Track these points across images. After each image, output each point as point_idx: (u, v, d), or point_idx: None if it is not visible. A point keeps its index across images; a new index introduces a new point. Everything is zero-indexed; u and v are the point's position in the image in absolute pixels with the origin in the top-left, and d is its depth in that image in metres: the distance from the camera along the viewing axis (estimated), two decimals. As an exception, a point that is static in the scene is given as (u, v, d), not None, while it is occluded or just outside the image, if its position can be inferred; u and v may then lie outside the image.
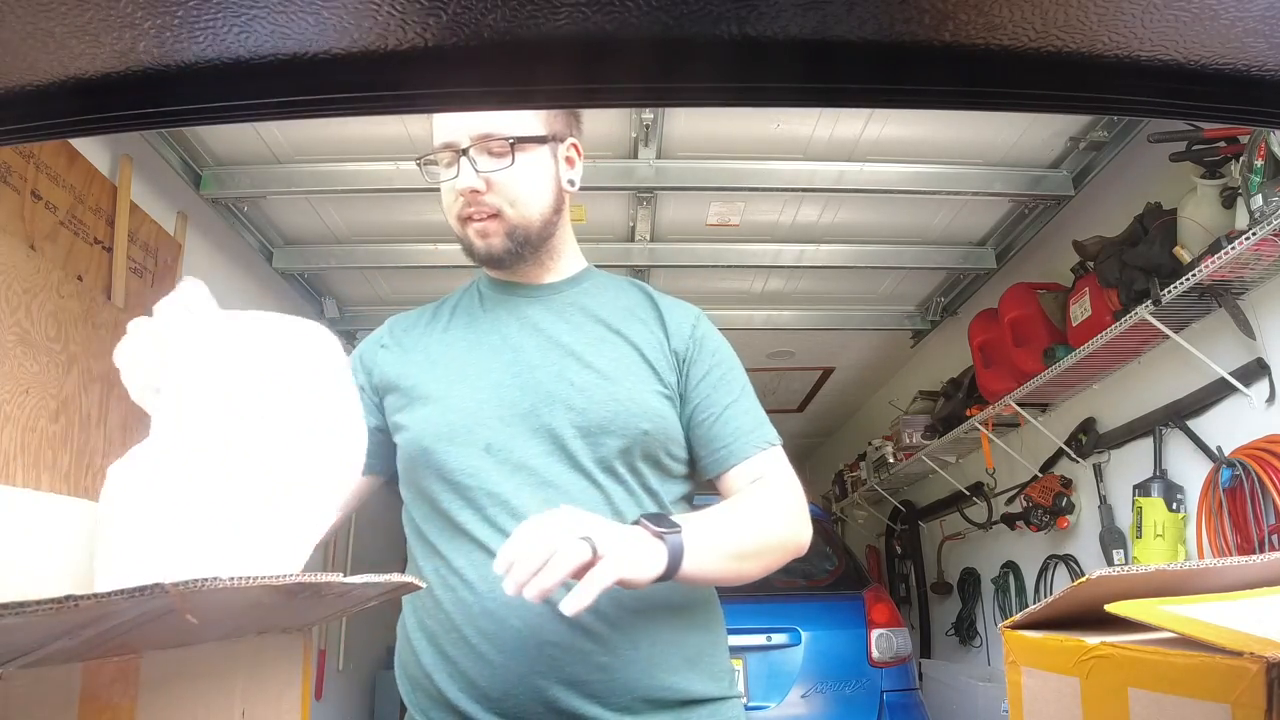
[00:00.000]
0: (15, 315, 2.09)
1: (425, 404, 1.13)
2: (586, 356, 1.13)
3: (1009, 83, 0.56)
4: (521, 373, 1.12)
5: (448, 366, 1.16)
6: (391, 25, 0.50)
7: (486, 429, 1.09)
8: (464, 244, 1.19)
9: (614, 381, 1.12)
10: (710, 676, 1.10)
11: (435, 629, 1.09)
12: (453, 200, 1.15)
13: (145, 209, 2.74)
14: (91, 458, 2.38)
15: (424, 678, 1.09)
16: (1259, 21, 0.50)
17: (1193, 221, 2.42)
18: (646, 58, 0.55)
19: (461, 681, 1.05)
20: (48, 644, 0.80)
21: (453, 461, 1.10)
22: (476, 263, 1.21)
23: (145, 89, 0.55)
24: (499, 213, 1.14)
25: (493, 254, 1.16)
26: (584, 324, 1.18)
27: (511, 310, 1.20)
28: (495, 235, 1.15)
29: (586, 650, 1.02)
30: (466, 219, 1.15)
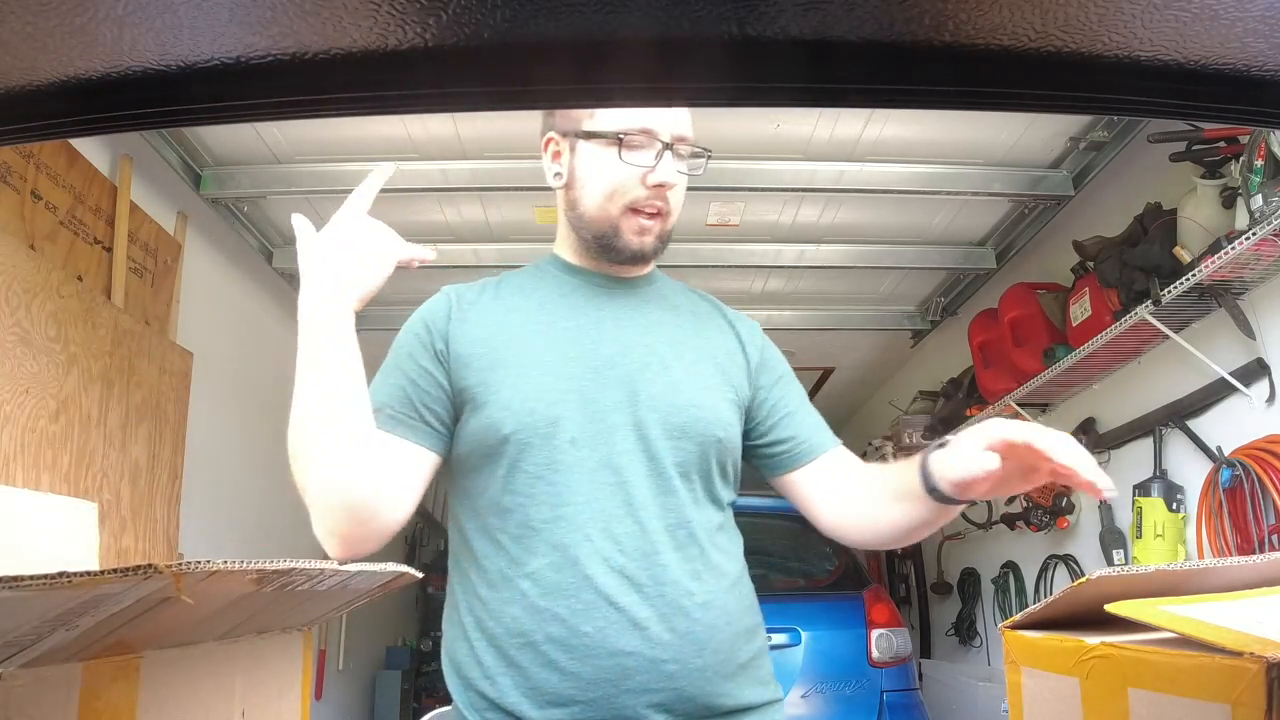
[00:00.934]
0: (15, 315, 2.09)
1: (502, 389, 1.07)
2: (668, 357, 1.11)
3: (1009, 83, 0.56)
4: (603, 367, 1.09)
5: (522, 350, 1.10)
6: (391, 25, 0.50)
7: (571, 422, 1.05)
8: (604, 231, 1.13)
9: (694, 385, 1.11)
10: (759, 682, 1.09)
11: (498, 631, 1.04)
12: (628, 186, 1.10)
13: (145, 209, 2.74)
14: (91, 458, 2.38)
15: (483, 680, 1.05)
16: (1259, 21, 0.50)
17: (1193, 221, 2.42)
18: (646, 58, 0.55)
19: (525, 687, 1.01)
20: (45, 635, 0.80)
21: (534, 454, 1.05)
22: (610, 255, 1.15)
23: (145, 89, 0.55)
24: (666, 214, 1.13)
25: (644, 251, 1.13)
26: (663, 323, 1.16)
27: (590, 299, 1.16)
28: (652, 234, 1.13)
29: (656, 659, 0.99)
30: (636, 210, 1.11)
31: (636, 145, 1.09)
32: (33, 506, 1.92)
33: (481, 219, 3.36)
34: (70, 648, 0.91)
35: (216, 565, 0.67)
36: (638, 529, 1.03)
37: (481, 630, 1.05)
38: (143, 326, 2.68)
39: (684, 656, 1.01)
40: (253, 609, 1.20)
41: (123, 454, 2.52)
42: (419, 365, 1.12)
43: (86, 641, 0.91)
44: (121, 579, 0.62)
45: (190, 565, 0.65)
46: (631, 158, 1.09)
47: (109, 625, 0.86)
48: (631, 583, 1.01)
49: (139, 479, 2.61)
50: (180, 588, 0.68)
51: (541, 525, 1.04)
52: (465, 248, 3.51)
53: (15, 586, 0.53)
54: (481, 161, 2.94)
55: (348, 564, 1.25)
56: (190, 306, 3.01)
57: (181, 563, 0.64)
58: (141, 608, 0.80)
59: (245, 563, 0.84)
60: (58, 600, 0.66)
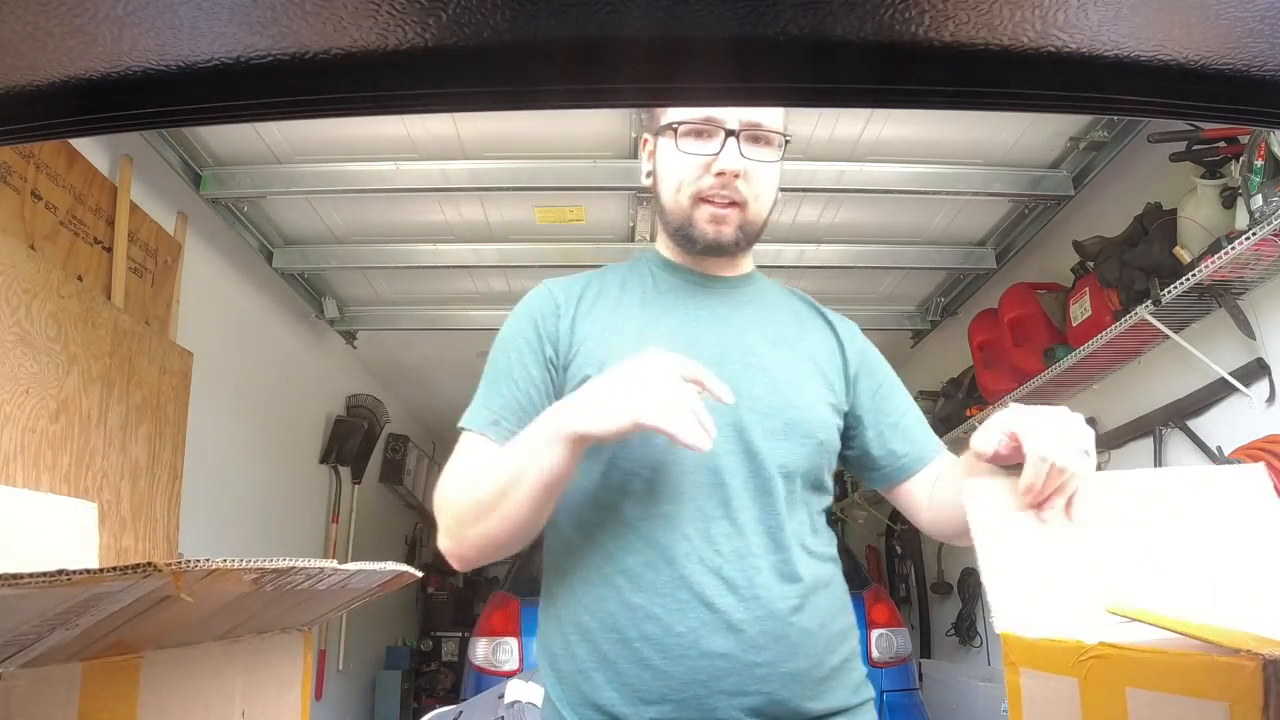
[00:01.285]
0: (15, 315, 2.09)
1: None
2: (768, 358, 1.10)
3: (1009, 83, 0.56)
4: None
5: (623, 348, 1.07)
6: (391, 25, 0.50)
7: None
8: (681, 223, 1.11)
9: (794, 387, 1.10)
10: (851, 686, 1.08)
11: (593, 626, 1.04)
12: (696, 175, 1.09)
13: (145, 209, 2.74)
14: (91, 458, 2.38)
15: (577, 674, 1.04)
16: (1259, 21, 0.50)
17: (1193, 221, 2.42)
18: (646, 58, 0.55)
19: (618, 683, 1.01)
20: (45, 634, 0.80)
21: (632, 452, 1.04)
22: (689, 247, 1.13)
23: (145, 89, 0.55)
24: (743, 203, 1.09)
25: (721, 242, 1.10)
26: (762, 323, 1.14)
27: (688, 297, 1.14)
28: (729, 224, 1.10)
29: (749, 663, 0.99)
30: (706, 199, 1.09)
31: (699, 134, 1.08)
32: (33, 506, 1.92)
33: (481, 219, 3.36)
34: (70, 647, 0.91)
35: (216, 563, 0.67)
36: (734, 530, 1.03)
37: (577, 625, 1.05)
38: (143, 326, 2.68)
39: (776, 660, 1.00)
40: (252, 608, 1.20)
41: (123, 454, 2.52)
42: (529, 373, 1.10)
43: (86, 641, 0.91)
44: (121, 577, 0.63)
45: (189, 563, 0.65)
46: (692, 147, 1.08)
47: (109, 625, 0.86)
48: (727, 584, 1.00)
49: (139, 479, 2.61)
50: (180, 586, 0.68)
51: (639, 523, 1.03)
52: (465, 248, 3.51)
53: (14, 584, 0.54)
54: (481, 161, 2.94)
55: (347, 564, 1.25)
56: (190, 306, 3.01)
57: (180, 561, 0.64)
58: (141, 606, 0.80)
59: (244, 561, 0.84)
60: (57, 598, 0.66)
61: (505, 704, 2.48)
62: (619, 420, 0.88)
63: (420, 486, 6.30)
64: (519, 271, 3.72)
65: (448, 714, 2.68)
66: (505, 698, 2.52)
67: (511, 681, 2.63)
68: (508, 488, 0.97)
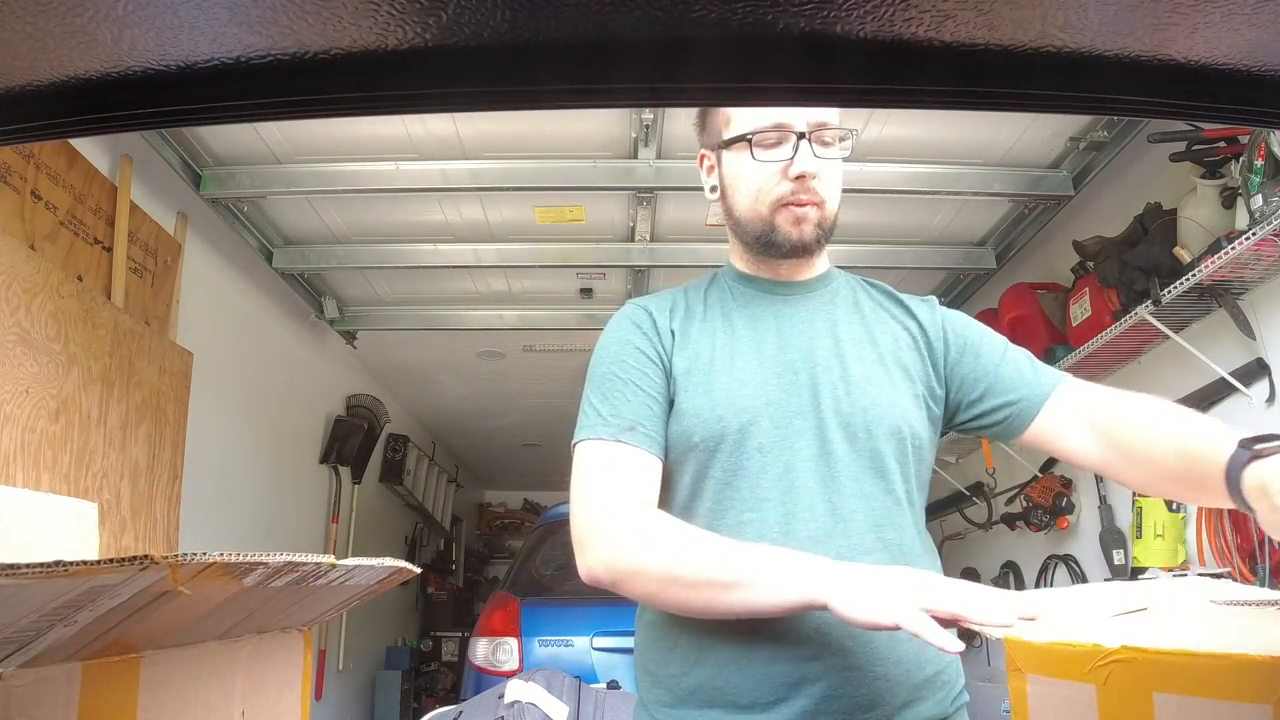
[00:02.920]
0: (15, 315, 2.09)
1: (695, 398, 1.08)
2: (849, 359, 1.10)
3: (1009, 83, 0.56)
4: (785, 373, 1.09)
5: (711, 362, 1.11)
6: (391, 25, 0.50)
7: (759, 429, 1.05)
8: (762, 230, 1.12)
9: (875, 386, 1.09)
10: (942, 697, 1.06)
11: (690, 629, 1.04)
12: (773, 182, 1.10)
13: (145, 209, 2.74)
14: (91, 458, 2.38)
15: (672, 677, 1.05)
16: (1259, 21, 0.50)
17: (1193, 221, 2.42)
18: (646, 58, 0.55)
19: (710, 687, 1.02)
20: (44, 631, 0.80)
21: (721, 460, 1.06)
22: (772, 253, 1.14)
23: (145, 89, 0.55)
24: (820, 203, 1.11)
25: (804, 242, 1.11)
26: (842, 323, 1.15)
27: (767, 306, 1.16)
28: (810, 224, 1.11)
29: (837, 666, 0.99)
30: (787, 204, 1.10)
31: (772, 142, 1.09)
32: (33, 506, 1.92)
33: (481, 219, 3.36)
34: (70, 646, 0.91)
35: (213, 556, 0.67)
36: (820, 533, 1.03)
37: (674, 625, 1.06)
38: (143, 326, 2.68)
39: (867, 664, 0.99)
40: (252, 606, 1.20)
41: (123, 454, 2.52)
42: (654, 381, 1.10)
43: (86, 639, 0.91)
44: (118, 569, 0.63)
45: (187, 557, 0.65)
46: (766, 155, 1.09)
47: (108, 621, 0.86)
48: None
49: (139, 479, 2.61)
50: (177, 579, 0.68)
51: (726, 530, 1.03)
52: (465, 248, 3.51)
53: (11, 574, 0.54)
54: (481, 161, 2.94)
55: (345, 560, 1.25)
56: (190, 306, 3.01)
57: (178, 554, 0.64)
58: (140, 602, 0.80)
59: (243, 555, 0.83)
60: (55, 591, 0.66)
61: (505, 704, 2.48)
62: (876, 616, 0.83)
63: (420, 486, 6.30)
64: (519, 271, 3.72)
65: (448, 714, 2.68)
66: (505, 698, 2.52)
67: (511, 681, 2.63)
68: (720, 586, 0.93)
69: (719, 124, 1.15)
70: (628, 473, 1.04)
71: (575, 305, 4.11)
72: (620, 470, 1.04)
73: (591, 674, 3.15)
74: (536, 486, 9.24)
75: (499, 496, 9.66)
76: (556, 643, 3.32)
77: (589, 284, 3.85)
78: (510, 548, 8.82)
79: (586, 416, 1.09)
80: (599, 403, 1.09)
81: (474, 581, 8.63)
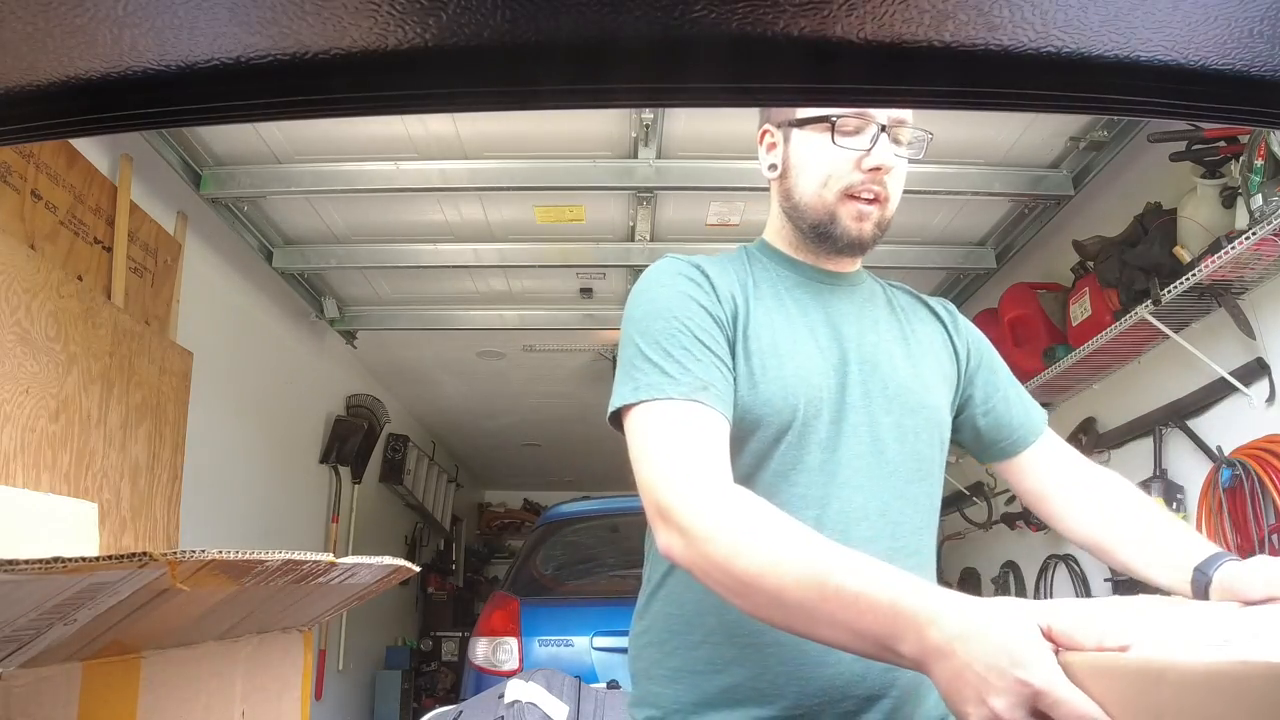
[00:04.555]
0: (15, 315, 2.09)
1: (767, 377, 1.01)
2: (896, 357, 1.09)
3: (1009, 83, 0.56)
4: (840, 365, 1.05)
5: (776, 343, 1.04)
6: (391, 25, 0.50)
7: (820, 421, 1.01)
8: (821, 219, 1.07)
9: (922, 386, 1.08)
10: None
11: (728, 616, 0.98)
12: (844, 171, 1.05)
13: (145, 209, 2.74)
14: (91, 458, 2.38)
15: (699, 674, 0.99)
16: (1259, 22, 0.50)
17: (1193, 221, 2.42)
18: (646, 58, 0.55)
19: (748, 687, 0.97)
20: (44, 630, 0.80)
21: (785, 450, 1.00)
22: (827, 245, 1.09)
23: (145, 89, 0.55)
24: (885, 200, 1.07)
25: (863, 239, 1.07)
26: (884, 321, 1.12)
27: (816, 295, 1.11)
28: (871, 220, 1.07)
29: (871, 667, 0.95)
30: (853, 196, 1.05)
31: (850, 130, 1.05)
32: (33, 506, 1.92)
33: (481, 219, 3.36)
34: (70, 645, 0.91)
35: (212, 554, 0.67)
36: (872, 533, 1.00)
37: (709, 615, 1.00)
38: (143, 326, 2.68)
39: (906, 686, 0.98)
40: (252, 606, 1.20)
41: (123, 454, 2.52)
42: (723, 346, 1.00)
43: (86, 639, 0.91)
44: (116, 565, 0.63)
45: (185, 554, 0.65)
46: (846, 142, 1.05)
47: (108, 620, 0.86)
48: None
49: (139, 479, 2.61)
50: (176, 576, 0.68)
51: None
52: (465, 248, 3.51)
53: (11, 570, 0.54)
54: (481, 161, 2.94)
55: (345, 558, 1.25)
56: (190, 306, 3.01)
57: (177, 551, 0.64)
58: (140, 600, 0.80)
59: (241, 552, 0.83)
60: (54, 587, 0.66)
61: (505, 704, 2.48)
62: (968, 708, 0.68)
63: (420, 486, 6.30)
64: (519, 271, 3.72)
65: (448, 714, 2.68)
66: (505, 698, 2.52)
67: (511, 681, 2.63)
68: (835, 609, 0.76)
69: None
70: (708, 437, 0.92)
71: (575, 305, 4.11)
72: (699, 433, 0.92)
73: (591, 674, 3.15)
74: (536, 486, 9.24)
75: (499, 496, 9.66)
76: (556, 643, 3.32)
77: (589, 284, 3.85)
78: (510, 548, 8.82)
79: (645, 374, 0.95)
80: (661, 359, 0.95)
81: (474, 581, 8.63)
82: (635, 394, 0.94)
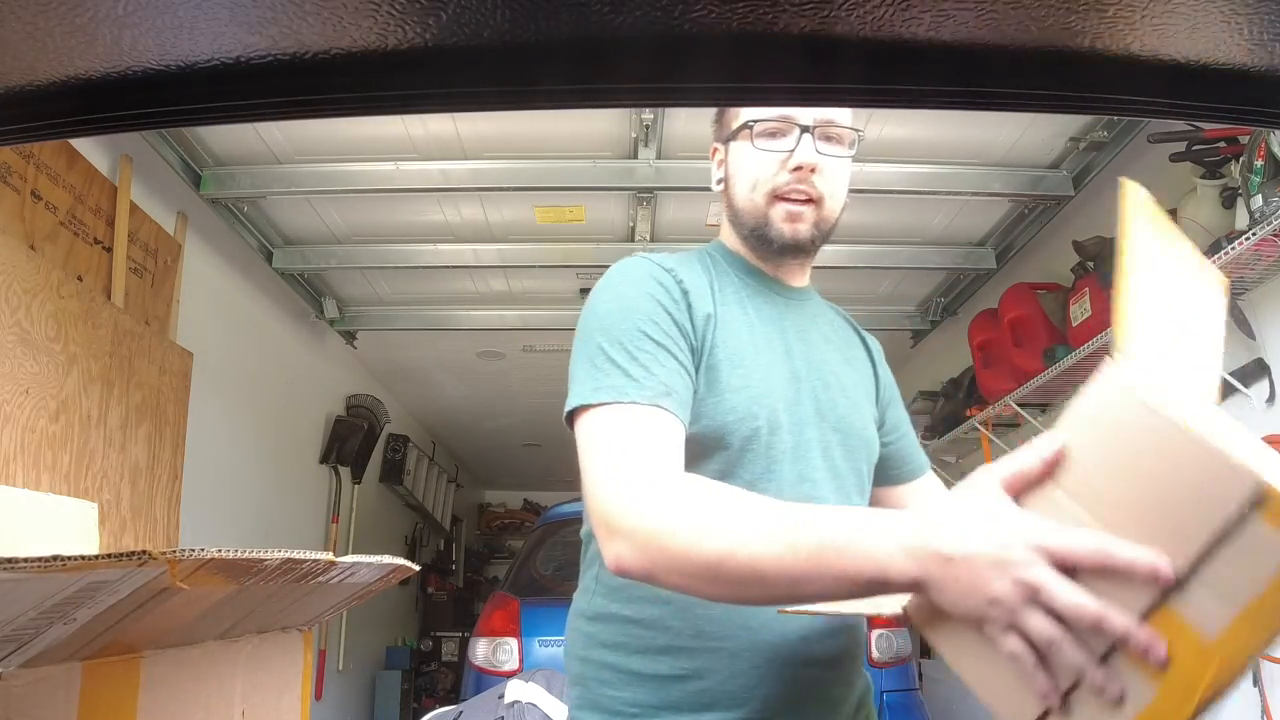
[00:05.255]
0: (15, 315, 2.09)
1: (733, 387, 0.99)
2: (842, 376, 1.10)
3: (1009, 83, 0.56)
4: (793, 380, 1.04)
5: (741, 353, 1.02)
6: (391, 25, 0.50)
7: (783, 433, 1.00)
8: (757, 224, 1.08)
9: (860, 410, 1.11)
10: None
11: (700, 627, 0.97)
12: (771, 173, 1.06)
13: (145, 209, 2.74)
14: (91, 458, 2.38)
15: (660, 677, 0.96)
16: (1259, 21, 0.50)
17: (1193, 221, 2.42)
18: (646, 58, 0.55)
19: (716, 691, 0.95)
20: (43, 629, 0.80)
21: (750, 463, 0.99)
22: (765, 248, 1.09)
23: (145, 89, 0.55)
24: (818, 200, 1.07)
25: (798, 240, 1.07)
26: (830, 340, 1.14)
27: (772, 304, 1.11)
28: (806, 222, 1.07)
29: (834, 676, 1.00)
30: (782, 196, 1.06)
31: (775, 133, 1.06)
32: (33, 506, 1.92)
33: (481, 219, 3.36)
34: (70, 644, 0.91)
35: (211, 552, 0.67)
36: None
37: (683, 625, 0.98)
38: (143, 326, 2.68)
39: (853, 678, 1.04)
40: (252, 605, 1.20)
41: (123, 454, 2.52)
42: (686, 355, 0.98)
43: (86, 638, 0.91)
44: (115, 563, 0.63)
45: (185, 552, 0.65)
46: (768, 145, 1.06)
47: (107, 620, 0.86)
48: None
49: (139, 479, 2.61)
50: (175, 574, 0.68)
51: None
52: (465, 248, 3.51)
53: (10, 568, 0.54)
54: (481, 161, 2.94)
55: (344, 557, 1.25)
56: (190, 306, 3.01)
57: (176, 549, 0.64)
58: (139, 599, 0.80)
59: (240, 551, 0.83)
60: (53, 586, 0.66)
61: (505, 704, 2.48)
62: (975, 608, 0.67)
63: (420, 486, 6.30)
64: (519, 271, 3.72)
65: (448, 714, 2.68)
66: (505, 698, 2.52)
67: (511, 681, 2.63)
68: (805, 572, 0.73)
69: (731, 116, 1.12)
70: (666, 445, 0.88)
71: (575, 305, 4.11)
72: (658, 440, 0.88)
73: (591, 674, 3.15)
74: (536, 486, 9.24)
75: (499, 496, 9.66)
76: (556, 643, 3.31)
77: (589, 284, 3.82)
78: (510, 548, 8.82)
79: (606, 375, 0.91)
80: (624, 361, 0.92)
81: (474, 581, 8.63)
82: (596, 394, 0.90)
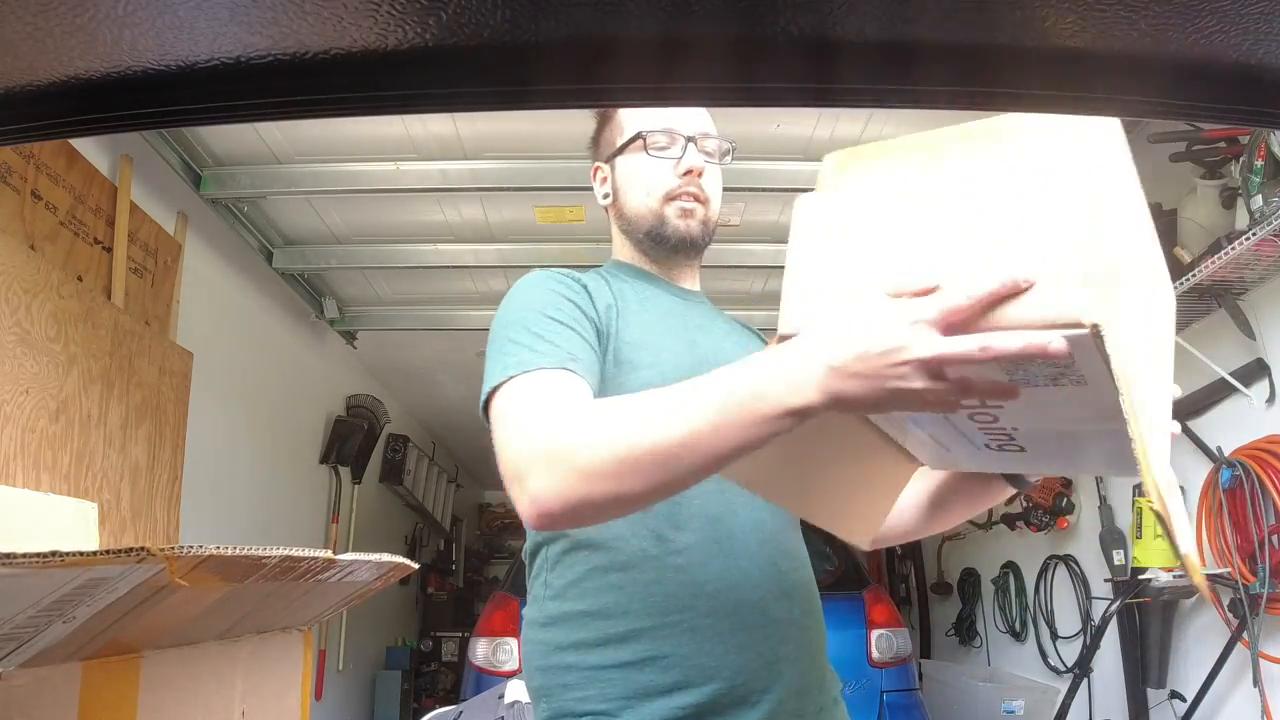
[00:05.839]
0: (15, 315, 2.09)
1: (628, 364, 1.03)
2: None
3: (1009, 83, 0.56)
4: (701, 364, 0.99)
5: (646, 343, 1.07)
6: (391, 25, 0.50)
7: None
8: (653, 224, 1.19)
9: None
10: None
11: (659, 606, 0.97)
12: (663, 178, 1.18)
13: (145, 209, 2.74)
14: (91, 458, 2.38)
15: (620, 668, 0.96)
16: (1259, 21, 0.50)
17: (1193, 222, 2.42)
18: (646, 58, 0.55)
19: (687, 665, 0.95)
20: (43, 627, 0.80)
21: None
22: (661, 245, 1.19)
23: (145, 89, 0.55)
24: (705, 200, 1.20)
25: (690, 235, 1.18)
26: (729, 336, 1.21)
27: (670, 304, 1.18)
28: (696, 219, 1.19)
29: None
30: (675, 196, 1.18)
31: (661, 144, 1.19)
32: (33, 506, 1.92)
33: (481, 219, 3.36)
34: (69, 644, 0.91)
35: (209, 549, 0.67)
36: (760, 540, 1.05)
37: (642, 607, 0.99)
38: (143, 326, 2.68)
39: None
40: (251, 605, 1.20)
41: (123, 454, 2.52)
42: (592, 335, 1.01)
43: (85, 638, 0.91)
44: (114, 559, 0.63)
45: (183, 549, 0.65)
46: (660, 153, 1.19)
47: (106, 619, 0.86)
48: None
49: (139, 479, 2.61)
50: (174, 571, 0.68)
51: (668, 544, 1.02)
52: (465, 248, 3.51)
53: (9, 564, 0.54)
54: (481, 161, 2.94)
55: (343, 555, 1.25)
56: (190, 306, 3.01)
57: (175, 546, 0.64)
58: (138, 597, 0.80)
59: (239, 548, 0.83)
60: (52, 582, 0.66)
61: (505, 704, 2.48)
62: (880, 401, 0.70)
63: (420, 486, 6.30)
64: (519, 271, 3.69)
65: (448, 714, 2.68)
66: (505, 698, 2.52)
67: (511, 681, 2.63)
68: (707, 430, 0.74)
69: (613, 136, 1.25)
70: (576, 399, 0.88)
71: (575, 305, 4.11)
72: (565, 394, 0.88)
73: (591, 674, 3.15)
74: (536, 486, 9.22)
75: (499, 496, 9.66)
76: (556, 643, 3.31)
77: (589, 284, 3.84)
78: (510, 548, 8.82)
79: (512, 355, 0.92)
80: (528, 340, 0.94)
81: (474, 581, 8.63)
82: (504, 372, 0.91)
